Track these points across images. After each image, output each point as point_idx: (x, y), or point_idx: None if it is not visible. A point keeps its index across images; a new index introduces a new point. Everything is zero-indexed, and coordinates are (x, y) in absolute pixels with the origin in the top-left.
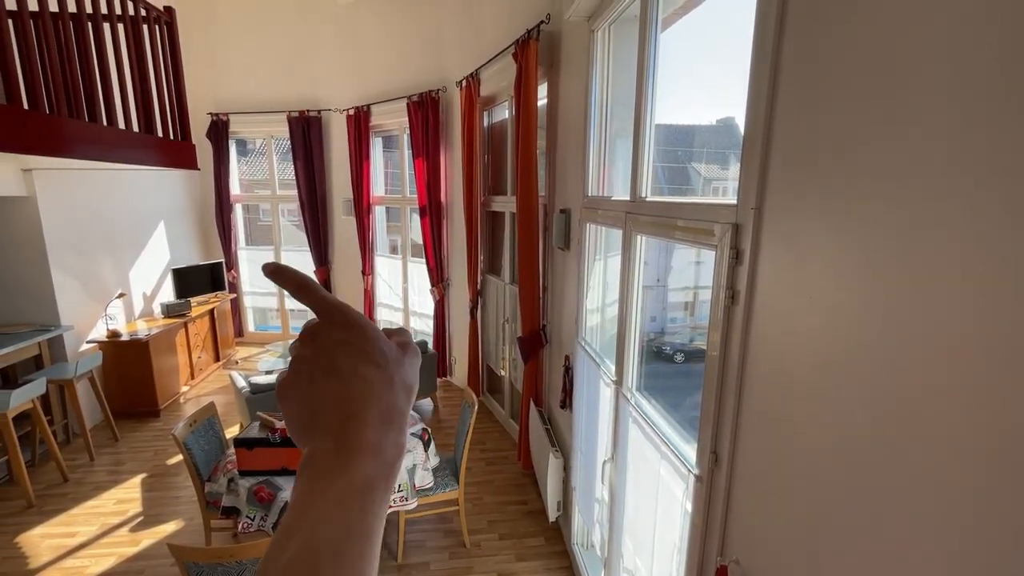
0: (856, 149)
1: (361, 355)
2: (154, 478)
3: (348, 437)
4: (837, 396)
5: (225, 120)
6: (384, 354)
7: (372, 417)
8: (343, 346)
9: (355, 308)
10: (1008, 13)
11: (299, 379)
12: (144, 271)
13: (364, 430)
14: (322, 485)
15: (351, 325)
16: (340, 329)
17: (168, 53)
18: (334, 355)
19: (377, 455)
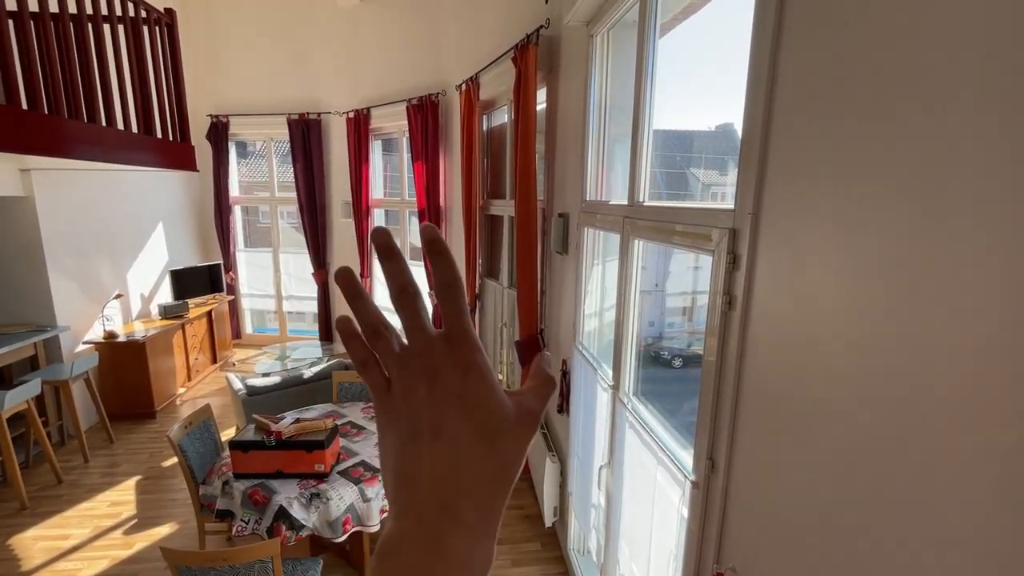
0: (853, 155)
1: (477, 422)
2: (149, 480)
3: (439, 535)
4: (835, 404)
5: (225, 122)
6: (499, 426)
7: (471, 518)
8: (460, 402)
9: (481, 351)
10: (995, 22)
11: (398, 422)
12: (142, 272)
13: (458, 532)
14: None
15: (473, 368)
16: (462, 372)
17: (168, 55)
18: (446, 411)
19: (464, 570)
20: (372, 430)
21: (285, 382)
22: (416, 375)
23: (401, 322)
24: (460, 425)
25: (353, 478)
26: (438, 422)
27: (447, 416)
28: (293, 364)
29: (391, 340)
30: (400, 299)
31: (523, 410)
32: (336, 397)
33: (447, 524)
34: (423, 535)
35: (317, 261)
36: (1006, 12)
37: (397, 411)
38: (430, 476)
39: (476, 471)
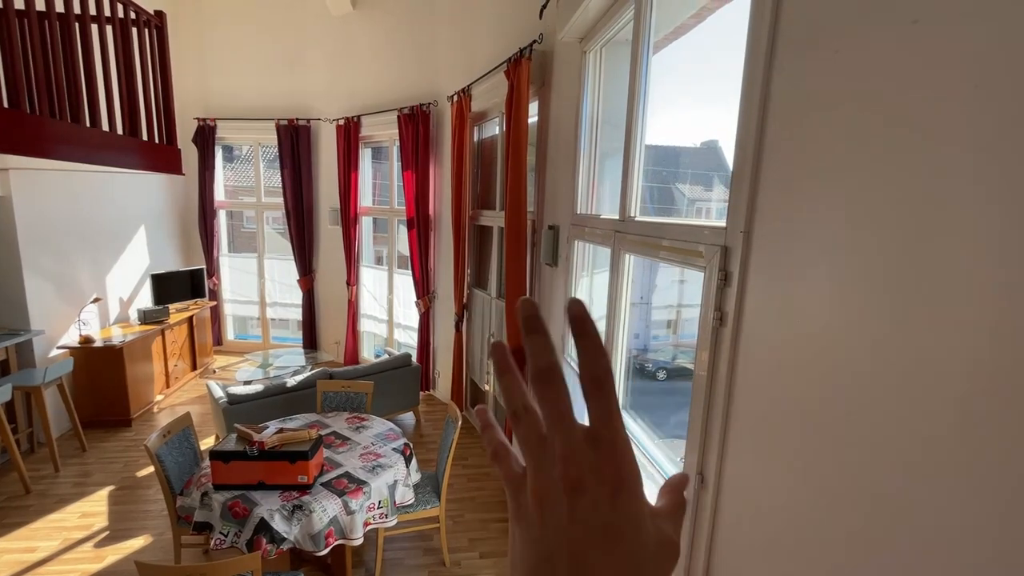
0: (844, 176)
1: (621, 561)
2: (122, 491)
3: None
4: (826, 422)
5: (212, 125)
6: (643, 566)
7: None
8: (605, 534)
9: (633, 460)
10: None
11: (531, 536)
12: (122, 276)
13: None
14: None
15: (623, 487)
16: (611, 491)
17: (157, 57)
18: (589, 544)
19: None
20: (356, 440)
21: (267, 391)
22: (556, 485)
23: (540, 409)
24: (603, 564)
25: (337, 490)
26: (579, 558)
27: (589, 552)
28: (276, 372)
29: (532, 426)
30: (541, 380)
31: (663, 540)
32: (320, 407)
33: None
34: None
35: (303, 267)
36: (994, 38)
37: (531, 523)
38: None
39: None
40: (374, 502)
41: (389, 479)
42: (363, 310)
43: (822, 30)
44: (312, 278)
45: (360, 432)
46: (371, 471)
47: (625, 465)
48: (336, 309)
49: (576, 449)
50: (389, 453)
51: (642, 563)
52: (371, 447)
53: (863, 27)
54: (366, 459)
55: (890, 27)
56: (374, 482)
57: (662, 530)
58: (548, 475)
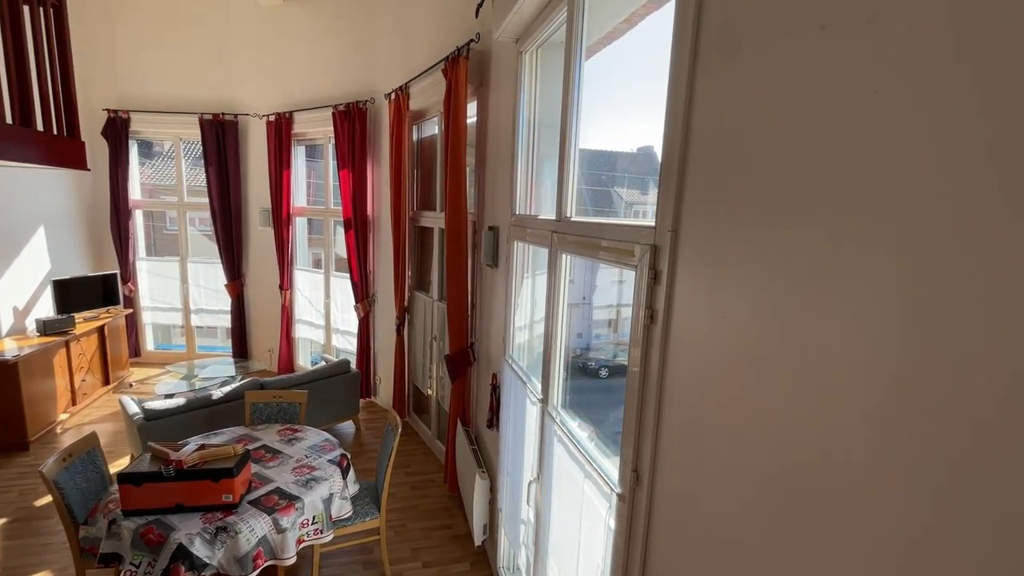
0: (764, 177)
1: None
2: (17, 523)
3: None
4: (751, 416)
5: (125, 118)
6: None
7: None
8: None
9: None
10: (878, 53)
11: None
12: (16, 282)
13: None
14: None
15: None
16: None
17: (55, 39)
18: None
19: None
20: (289, 454)
21: (190, 404)
22: None
23: None
24: None
25: (266, 507)
26: None
27: None
28: (201, 384)
29: None
30: None
31: None
32: (249, 419)
33: None
34: None
35: (231, 272)
36: (891, 42)
37: None
38: None
39: None
40: (308, 518)
41: (324, 492)
42: (298, 316)
43: (740, 35)
44: (242, 283)
45: (293, 444)
46: (304, 485)
47: None
48: (269, 315)
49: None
50: (324, 465)
51: None
52: (305, 460)
53: (775, 33)
54: (299, 472)
55: (799, 33)
56: (308, 497)
57: None
58: None
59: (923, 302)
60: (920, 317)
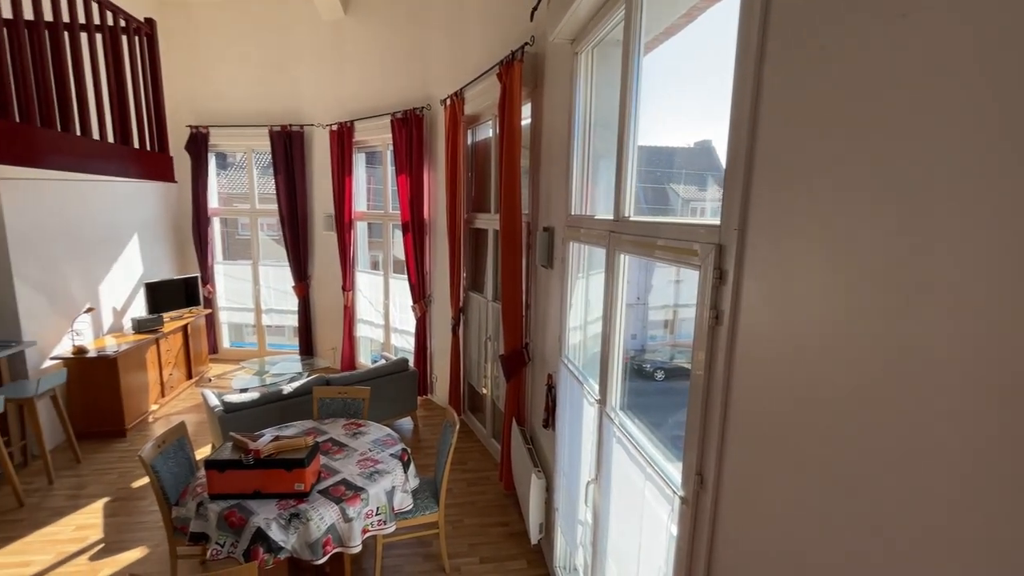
0: (838, 169)
1: None
2: (117, 502)
3: None
4: (826, 421)
5: (205, 133)
6: None
7: None
8: None
9: None
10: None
11: None
12: (115, 285)
13: None
14: None
15: None
16: None
17: (147, 64)
18: None
19: None
20: (354, 447)
21: (264, 398)
22: None
23: None
24: None
25: (334, 497)
26: None
27: None
28: (272, 380)
29: None
30: None
31: None
32: (317, 414)
33: None
34: None
35: (298, 274)
36: (993, 25)
37: None
38: None
39: None
40: (372, 509)
41: (387, 485)
42: (359, 315)
43: (810, 25)
44: (307, 284)
45: (357, 438)
46: (369, 477)
47: None
48: (332, 315)
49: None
50: (387, 459)
51: None
52: (368, 453)
53: (850, 22)
54: (363, 465)
55: (877, 21)
56: (372, 489)
57: None
58: None
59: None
60: (1016, 309)
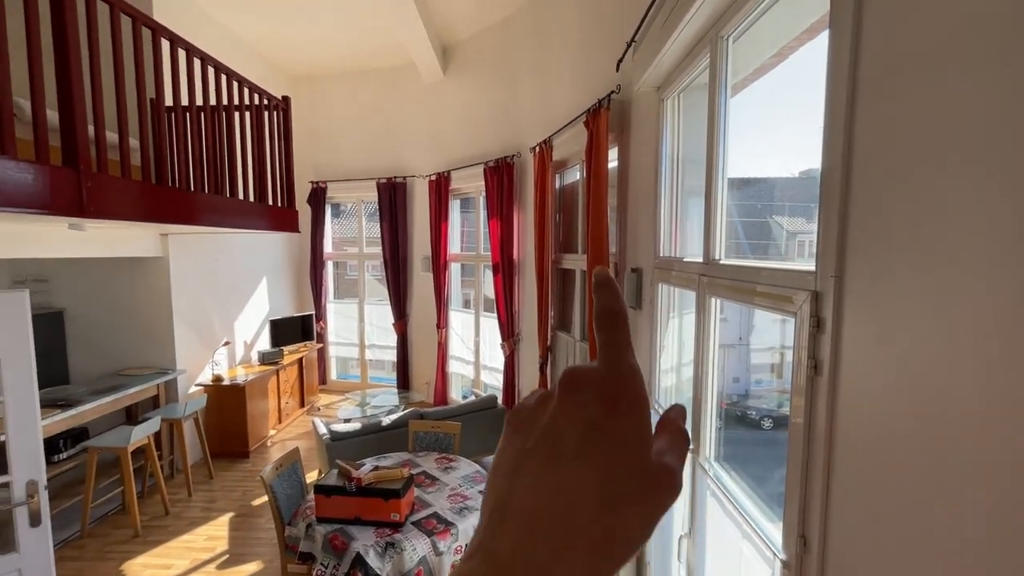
0: (944, 214)
1: (601, 466)
2: (240, 518)
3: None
4: (945, 487)
5: (323, 187)
6: (630, 482)
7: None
8: (589, 430)
9: (640, 385)
10: None
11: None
12: (247, 322)
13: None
14: None
15: (621, 403)
16: (609, 404)
17: (282, 134)
18: (566, 434)
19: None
20: (445, 481)
21: (365, 429)
22: (562, 385)
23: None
24: (578, 465)
25: (426, 530)
26: (556, 442)
27: (564, 442)
28: (372, 411)
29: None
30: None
31: (662, 467)
32: (412, 446)
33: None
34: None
35: (398, 311)
36: None
37: (527, 425)
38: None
39: (576, 524)
40: (461, 544)
41: (476, 522)
42: (452, 352)
43: (905, 63)
44: (406, 322)
45: (448, 473)
46: (458, 513)
47: (629, 386)
48: (427, 351)
49: (595, 370)
50: (476, 496)
51: (632, 480)
52: (459, 488)
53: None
54: (454, 500)
55: (977, 63)
56: (461, 524)
57: (662, 458)
58: (560, 384)
59: None
60: None
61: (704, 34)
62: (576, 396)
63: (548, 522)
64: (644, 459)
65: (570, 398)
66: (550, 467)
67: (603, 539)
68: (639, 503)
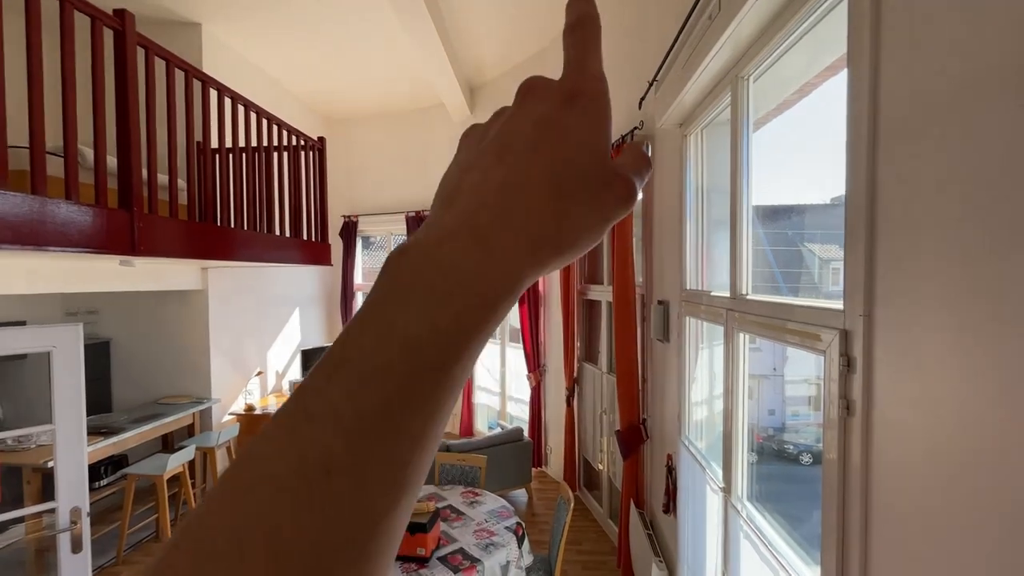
0: (977, 252)
1: (552, 158)
2: None
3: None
4: (986, 533)
5: (355, 221)
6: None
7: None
8: (543, 126)
9: (602, 86)
10: None
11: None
12: (279, 352)
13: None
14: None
15: (579, 99)
16: (564, 98)
17: (317, 173)
18: (521, 130)
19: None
20: (471, 516)
21: None
22: (519, 92)
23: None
24: (529, 156)
25: (451, 565)
26: (509, 139)
27: (518, 137)
28: None
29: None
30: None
31: (618, 174)
32: (438, 479)
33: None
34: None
35: None
36: None
37: (481, 133)
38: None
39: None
40: None
41: (502, 559)
42: (478, 382)
43: (925, 100)
44: None
45: (474, 507)
46: (484, 549)
47: (590, 84)
48: None
49: (558, 78)
50: (502, 531)
51: (586, 177)
52: (485, 524)
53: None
54: (480, 536)
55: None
56: (487, 561)
57: (619, 167)
58: (519, 89)
59: None
60: None
61: (724, 74)
62: (533, 95)
63: (497, 199)
64: (600, 158)
65: (527, 98)
66: (501, 159)
67: (550, 222)
68: (590, 201)
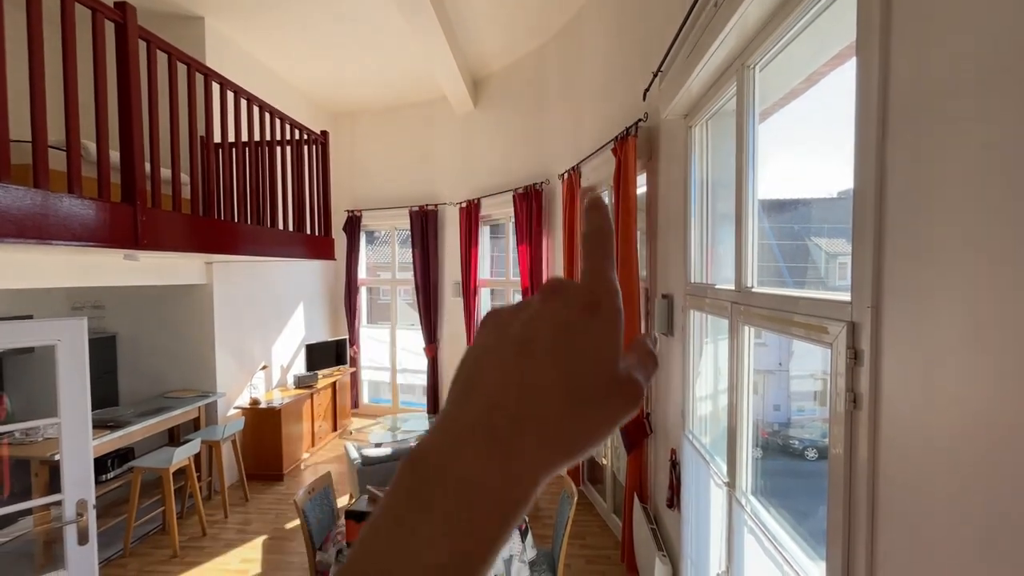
0: (985, 242)
1: (569, 366)
2: (273, 541)
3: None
4: (999, 533)
5: (358, 216)
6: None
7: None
8: (565, 334)
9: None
10: None
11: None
12: (283, 346)
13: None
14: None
15: (600, 310)
16: (586, 310)
17: (320, 167)
18: (542, 330)
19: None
20: None
21: (396, 454)
22: (544, 290)
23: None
24: (547, 359)
25: None
26: (530, 337)
27: (537, 340)
28: (403, 435)
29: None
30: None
31: (629, 378)
32: None
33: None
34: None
35: (429, 336)
36: None
37: (504, 322)
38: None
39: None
40: None
41: (504, 553)
42: None
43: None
44: (436, 346)
45: None
46: None
47: (607, 298)
48: None
49: (572, 281)
50: None
51: (598, 384)
52: None
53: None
54: None
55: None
56: None
57: (630, 371)
58: (540, 291)
59: None
60: None
61: (730, 64)
62: (555, 300)
63: (514, 401)
64: (612, 367)
65: (549, 301)
66: (521, 359)
67: (565, 430)
68: (602, 406)
